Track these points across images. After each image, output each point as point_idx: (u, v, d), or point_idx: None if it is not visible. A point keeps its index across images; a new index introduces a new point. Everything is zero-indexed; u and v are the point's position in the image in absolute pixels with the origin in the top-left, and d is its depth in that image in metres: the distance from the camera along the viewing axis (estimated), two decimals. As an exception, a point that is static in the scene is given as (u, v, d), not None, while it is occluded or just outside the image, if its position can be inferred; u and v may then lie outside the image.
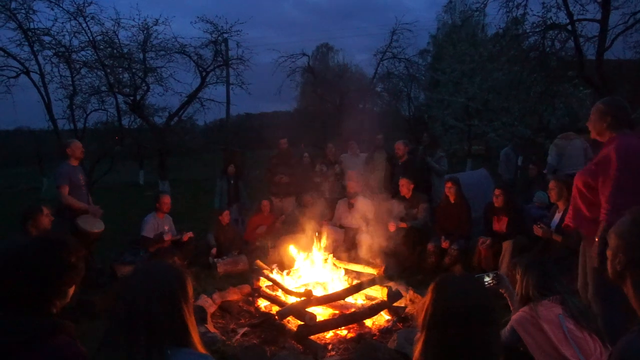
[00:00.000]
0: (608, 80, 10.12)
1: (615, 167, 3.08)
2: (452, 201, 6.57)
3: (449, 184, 6.61)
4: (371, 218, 7.21)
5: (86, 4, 11.12)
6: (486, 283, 3.15)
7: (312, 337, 4.21)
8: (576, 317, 2.63)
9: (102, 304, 4.75)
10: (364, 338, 4.27)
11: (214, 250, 6.94)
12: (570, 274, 3.73)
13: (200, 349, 1.55)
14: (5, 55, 10.95)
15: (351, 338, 4.32)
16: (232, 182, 8.31)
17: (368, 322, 4.66)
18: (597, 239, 3.17)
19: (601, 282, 3.17)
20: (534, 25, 11.55)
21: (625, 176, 3.06)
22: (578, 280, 3.60)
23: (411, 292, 5.13)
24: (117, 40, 12.08)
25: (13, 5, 10.53)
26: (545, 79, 12.43)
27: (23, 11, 10.66)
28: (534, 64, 12.35)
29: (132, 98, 12.65)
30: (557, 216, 5.39)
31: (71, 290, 1.76)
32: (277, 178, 8.18)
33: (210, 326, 4.41)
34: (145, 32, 12.30)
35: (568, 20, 10.54)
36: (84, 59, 11.84)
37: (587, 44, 10.90)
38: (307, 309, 4.42)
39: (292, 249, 5.96)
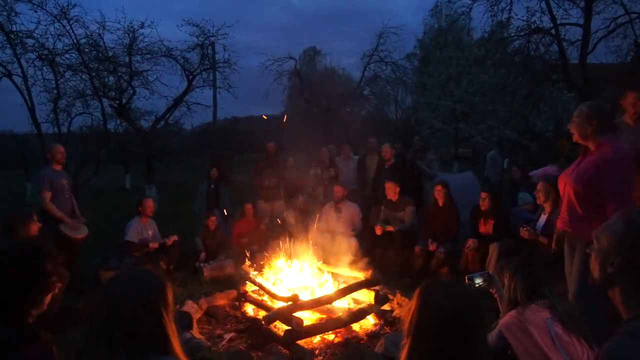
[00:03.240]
0: (591, 84, 10.26)
1: (617, 168, 3.17)
2: (441, 204, 6.58)
3: (438, 187, 6.61)
4: (358, 222, 7.21)
5: (70, 7, 10.98)
6: (477, 284, 3.15)
7: (299, 342, 4.17)
8: (564, 321, 2.63)
9: (85, 311, 4.67)
10: (351, 342, 4.25)
11: (202, 255, 6.87)
12: (557, 277, 3.75)
13: (182, 356, 1.52)
14: (-13, 58, 10.78)
15: (338, 342, 4.30)
16: (212, 186, 8.24)
17: (355, 327, 4.64)
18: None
19: (585, 283, 3.21)
20: (519, 29, 11.72)
21: (630, 177, 3.20)
22: (567, 283, 3.62)
23: (398, 295, 5.12)
24: (102, 43, 11.93)
25: (-6, 7, 10.38)
26: (530, 82, 12.58)
27: (5, 13, 10.49)
28: (519, 68, 12.51)
29: (117, 102, 12.50)
30: (543, 218, 5.42)
31: (47, 298, 1.72)
32: (265, 182, 8.14)
33: (196, 332, 4.36)
34: (131, 35, 12.16)
35: (552, 25, 10.70)
36: (68, 62, 11.68)
37: (571, 47, 11.09)
38: (294, 314, 4.39)
39: (278, 254, 5.93)
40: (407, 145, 9.10)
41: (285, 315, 4.35)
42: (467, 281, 3.16)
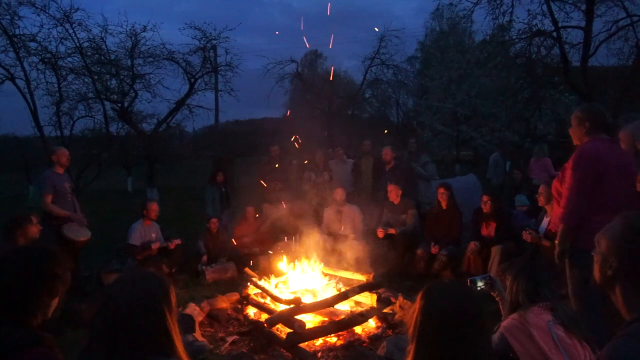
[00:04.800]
0: (593, 86, 10.26)
1: (571, 171, 3.20)
2: (444, 207, 6.58)
3: (441, 190, 6.61)
4: (359, 225, 7.21)
5: (73, 10, 11.01)
6: (479, 287, 3.14)
7: (301, 344, 4.17)
8: (566, 324, 2.62)
9: (87, 313, 4.67)
10: (353, 345, 4.24)
11: (204, 258, 6.88)
12: (559, 279, 3.74)
13: (185, 358, 1.52)
14: (-10, 61, 10.81)
15: (341, 345, 4.30)
16: (223, 189, 8.30)
17: (358, 329, 4.63)
18: (556, 242, 3.26)
19: (578, 285, 3.23)
20: (520, 32, 11.72)
21: (582, 180, 3.17)
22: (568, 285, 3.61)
23: (400, 298, 5.11)
24: (104, 47, 11.97)
25: (-2, 10, 10.41)
26: (532, 85, 12.58)
27: (8, 17, 10.51)
28: (520, 70, 12.51)
29: (119, 105, 12.53)
30: (545, 221, 5.42)
31: (55, 302, 1.73)
32: (270, 185, 8.16)
33: (198, 335, 4.36)
34: (133, 38, 12.20)
35: (553, 27, 10.70)
36: (71, 65, 11.71)
37: (572, 50, 11.10)
38: (296, 317, 4.38)
39: (280, 256, 5.93)
40: (403, 148, 9.14)
41: (287, 318, 4.35)
42: (468, 284, 3.16)
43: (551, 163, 8.59)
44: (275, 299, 4.92)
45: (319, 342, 4.38)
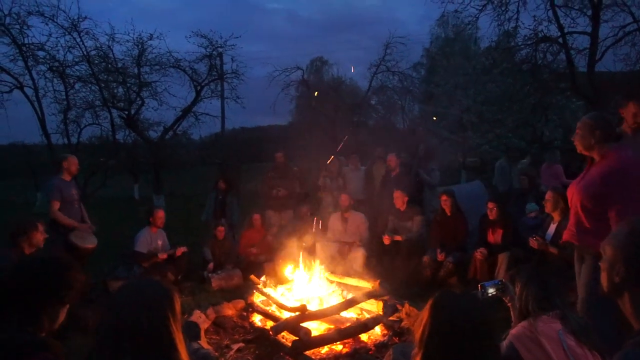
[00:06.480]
0: (599, 92, 10.21)
1: (632, 179, 3.10)
2: (449, 214, 6.56)
3: (444, 197, 6.59)
4: (364, 232, 7.19)
5: (80, 19, 11.13)
6: (490, 293, 3.10)
7: (307, 352, 4.15)
8: (577, 333, 2.57)
9: (93, 319, 4.67)
10: (359, 353, 4.22)
11: (210, 265, 6.88)
12: (566, 287, 3.71)
13: None
14: (-1, 70, 10.94)
15: (346, 353, 4.27)
16: (219, 197, 8.25)
17: (364, 337, 4.60)
18: None
19: (594, 294, 3.16)
20: (526, 38, 11.71)
21: (633, 187, 3.09)
22: (578, 292, 3.56)
23: (407, 305, 5.07)
24: (111, 55, 12.07)
25: (7, 20, 10.55)
26: (538, 91, 12.53)
27: (17, 26, 10.67)
28: (526, 76, 12.47)
29: (126, 112, 12.61)
30: (552, 227, 5.38)
31: (64, 311, 1.76)
32: (274, 191, 8.14)
33: (203, 342, 4.34)
34: (139, 46, 12.28)
35: (559, 33, 10.68)
36: (78, 73, 11.83)
37: (578, 56, 11.05)
38: (301, 324, 4.37)
39: (286, 264, 5.92)
40: (413, 155, 9.09)
41: (293, 326, 4.33)
42: (479, 289, 3.10)
43: (562, 170, 8.48)
44: (280, 306, 4.91)
45: (325, 349, 4.35)
